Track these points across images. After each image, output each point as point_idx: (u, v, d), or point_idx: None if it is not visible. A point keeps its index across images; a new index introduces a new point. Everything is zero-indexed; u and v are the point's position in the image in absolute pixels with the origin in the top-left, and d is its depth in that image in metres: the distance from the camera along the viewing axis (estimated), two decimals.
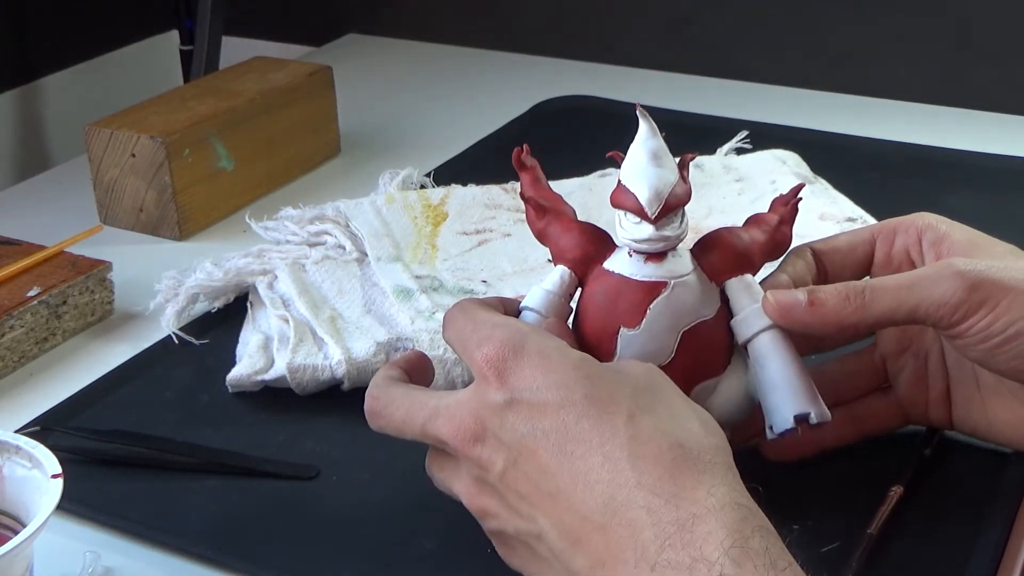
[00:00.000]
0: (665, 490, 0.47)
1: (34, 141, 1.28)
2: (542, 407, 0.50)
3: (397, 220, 0.84)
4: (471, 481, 0.53)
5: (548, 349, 0.52)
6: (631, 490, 0.48)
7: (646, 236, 0.56)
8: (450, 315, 0.56)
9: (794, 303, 0.57)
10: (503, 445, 0.51)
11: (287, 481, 0.64)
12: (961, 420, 0.63)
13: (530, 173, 0.61)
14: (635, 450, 0.48)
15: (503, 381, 0.51)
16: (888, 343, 0.64)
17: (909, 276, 0.57)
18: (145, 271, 0.83)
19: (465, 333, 0.54)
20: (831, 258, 0.62)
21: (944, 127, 1.08)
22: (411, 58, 1.32)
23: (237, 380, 0.71)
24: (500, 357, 0.52)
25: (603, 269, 0.58)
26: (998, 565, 0.57)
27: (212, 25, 1.22)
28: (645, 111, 0.57)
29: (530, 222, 0.61)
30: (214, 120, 0.93)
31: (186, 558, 0.59)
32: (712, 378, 0.58)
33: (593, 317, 0.58)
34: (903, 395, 0.64)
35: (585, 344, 0.58)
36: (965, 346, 0.57)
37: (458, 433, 0.52)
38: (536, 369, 0.51)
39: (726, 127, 1.01)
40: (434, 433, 0.53)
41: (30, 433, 0.67)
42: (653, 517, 0.47)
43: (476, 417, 0.51)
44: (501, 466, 0.51)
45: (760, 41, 1.24)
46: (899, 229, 0.62)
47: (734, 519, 0.46)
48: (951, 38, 1.16)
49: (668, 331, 0.57)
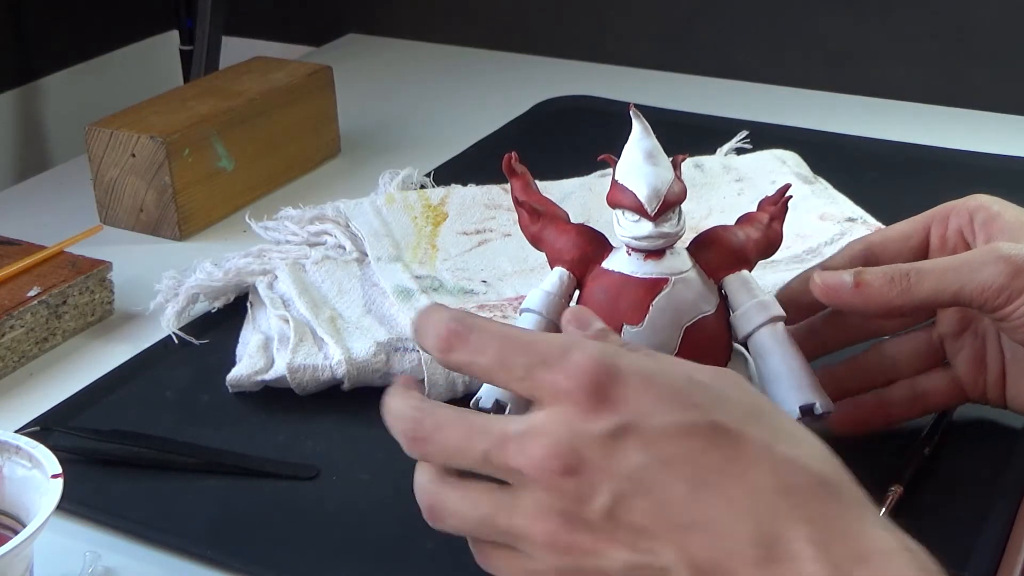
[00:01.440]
0: (827, 524, 0.44)
1: (34, 141, 1.28)
2: (661, 435, 0.46)
3: (397, 220, 0.84)
4: (554, 516, 0.47)
5: (647, 369, 0.47)
6: (789, 523, 0.44)
7: (646, 233, 0.57)
8: (463, 334, 0.49)
9: (840, 284, 0.57)
10: (610, 476, 0.46)
11: (287, 481, 0.64)
12: (1013, 399, 0.63)
13: (521, 179, 0.61)
14: (783, 481, 0.45)
15: (603, 406, 0.46)
16: (947, 324, 0.64)
17: (954, 259, 0.57)
18: (145, 271, 0.83)
19: (513, 354, 0.48)
20: (886, 248, 0.62)
21: (944, 127, 1.08)
22: (411, 58, 1.32)
23: (237, 380, 0.71)
24: (594, 380, 0.46)
25: (602, 268, 0.58)
26: (998, 565, 0.57)
27: (212, 25, 1.22)
28: (638, 111, 0.58)
29: (524, 227, 0.61)
30: (214, 120, 0.93)
31: (186, 558, 0.59)
32: None
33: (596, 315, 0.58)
34: (962, 375, 0.64)
35: None
36: (1011, 328, 0.57)
37: (544, 463, 0.46)
38: (642, 392, 0.46)
39: (726, 127, 1.01)
40: (503, 463, 0.47)
41: (30, 433, 0.67)
42: (819, 552, 0.43)
43: (569, 447, 0.46)
44: (607, 500, 0.46)
45: (760, 41, 1.24)
46: (952, 212, 0.62)
47: (910, 565, 0.44)
48: (951, 38, 1.16)
49: (671, 327, 0.57)
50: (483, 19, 1.35)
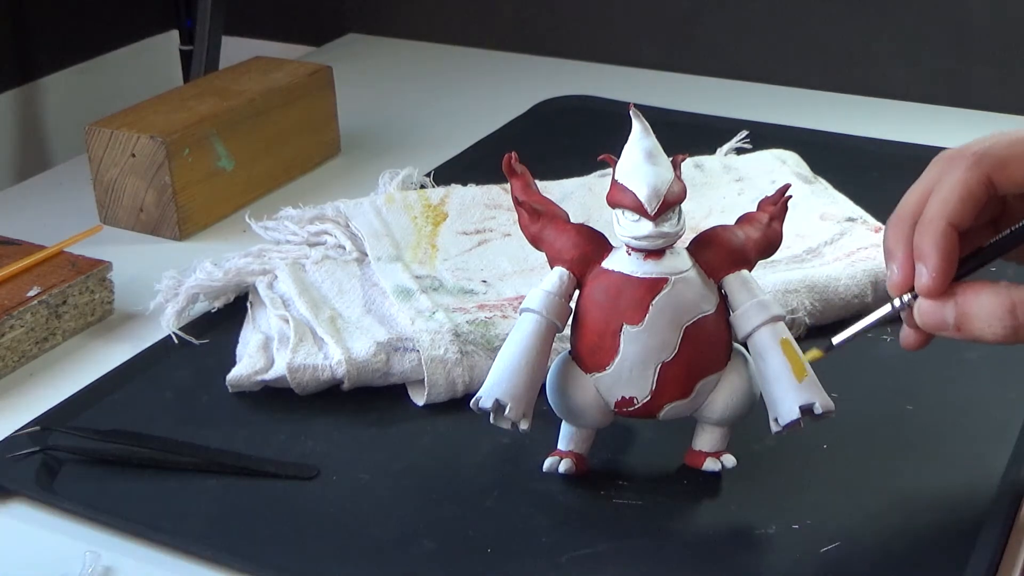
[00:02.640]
0: None
1: (34, 141, 1.29)
2: None
3: (397, 220, 0.84)
4: None
5: None
6: None
7: (646, 233, 0.57)
8: None
9: (942, 325, 0.57)
10: None
11: (287, 481, 0.64)
12: None
13: (521, 179, 0.62)
14: None
15: None
16: None
17: None
18: (145, 271, 0.83)
19: None
20: None
21: (944, 127, 1.08)
22: (411, 58, 1.32)
23: (237, 380, 0.71)
24: None
25: (602, 268, 0.58)
26: (998, 565, 0.57)
27: (212, 25, 1.22)
28: (638, 111, 0.58)
29: (524, 227, 0.61)
30: (214, 120, 0.93)
31: (186, 558, 0.59)
32: (714, 373, 0.59)
33: (595, 315, 0.58)
34: None
35: (587, 342, 0.59)
36: None
37: None
38: None
39: (726, 127, 1.01)
40: None
41: (30, 433, 0.67)
42: None
43: None
44: None
45: (760, 41, 1.24)
46: None
47: None
48: (951, 38, 1.16)
49: (671, 326, 0.57)
50: (483, 19, 1.35)
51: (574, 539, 0.59)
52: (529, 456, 0.63)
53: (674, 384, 0.58)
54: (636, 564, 0.58)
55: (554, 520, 0.60)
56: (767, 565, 0.58)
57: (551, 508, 0.61)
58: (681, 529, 0.60)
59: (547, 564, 0.58)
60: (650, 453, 0.65)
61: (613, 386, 0.59)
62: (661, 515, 0.61)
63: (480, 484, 0.63)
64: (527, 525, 0.60)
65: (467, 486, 0.63)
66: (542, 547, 0.59)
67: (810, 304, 0.75)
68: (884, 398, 0.70)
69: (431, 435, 0.68)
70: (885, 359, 0.73)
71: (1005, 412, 0.68)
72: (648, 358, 0.58)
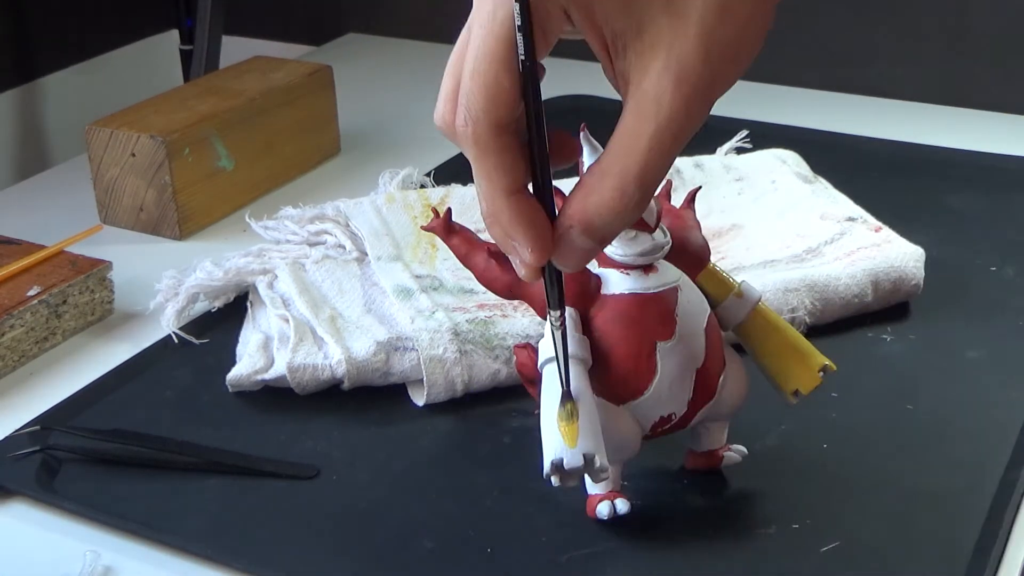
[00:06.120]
0: None
1: (34, 141, 1.28)
2: None
3: (397, 219, 0.84)
4: None
5: None
6: None
7: (650, 247, 0.56)
8: None
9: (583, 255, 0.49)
10: None
11: (287, 481, 0.64)
12: None
13: (460, 235, 0.59)
14: None
15: None
16: None
17: None
18: (145, 271, 0.83)
19: None
20: None
21: (944, 127, 1.08)
22: (411, 58, 1.32)
23: (237, 380, 0.71)
24: None
25: (607, 295, 0.57)
26: (998, 565, 0.58)
27: (212, 25, 1.22)
28: (588, 134, 0.58)
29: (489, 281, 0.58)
30: (214, 120, 0.93)
31: (186, 558, 0.59)
32: (724, 369, 0.59)
33: (623, 342, 0.56)
34: None
35: (619, 372, 0.56)
36: None
37: None
38: None
39: (726, 127, 1.00)
40: None
41: (30, 433, 0.67)
42: None
43: None
44: None
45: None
46: None
47: None
48: (951, 38, 1.16)
49: (696, 332, 0.57)
50: None
51: (574, 539, 0.59)
52: (529, 456, 0.63)
53: (705, 389, 0.58)
54: (636, 564, 0.58)
55: (554, 520, 0.60)
56: (767, 565, 0.58)
57: (551, 508, 0.61)
58: (681, 529, 0.60)
59: (547, 564, 0.58)
60: (650, 453, 0.65)
61: (652, 408, 0.57)
62: (661, 515, 0.61)
63: (480, 484, 0.63)
64: (527, 525, 0.60)
65: (467, 486, 0.63)
66: (542, 547, 0.59)
67: (810, 303, 0.75)
68: (884, 398, 0.70)
69: (431, 435, 0.68)
70: (885, 359, 0.73)
71: (1005, 412, 0.68)
72: (685, 369, 0.57)
